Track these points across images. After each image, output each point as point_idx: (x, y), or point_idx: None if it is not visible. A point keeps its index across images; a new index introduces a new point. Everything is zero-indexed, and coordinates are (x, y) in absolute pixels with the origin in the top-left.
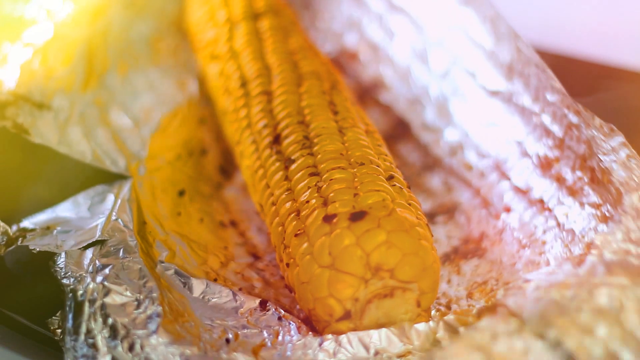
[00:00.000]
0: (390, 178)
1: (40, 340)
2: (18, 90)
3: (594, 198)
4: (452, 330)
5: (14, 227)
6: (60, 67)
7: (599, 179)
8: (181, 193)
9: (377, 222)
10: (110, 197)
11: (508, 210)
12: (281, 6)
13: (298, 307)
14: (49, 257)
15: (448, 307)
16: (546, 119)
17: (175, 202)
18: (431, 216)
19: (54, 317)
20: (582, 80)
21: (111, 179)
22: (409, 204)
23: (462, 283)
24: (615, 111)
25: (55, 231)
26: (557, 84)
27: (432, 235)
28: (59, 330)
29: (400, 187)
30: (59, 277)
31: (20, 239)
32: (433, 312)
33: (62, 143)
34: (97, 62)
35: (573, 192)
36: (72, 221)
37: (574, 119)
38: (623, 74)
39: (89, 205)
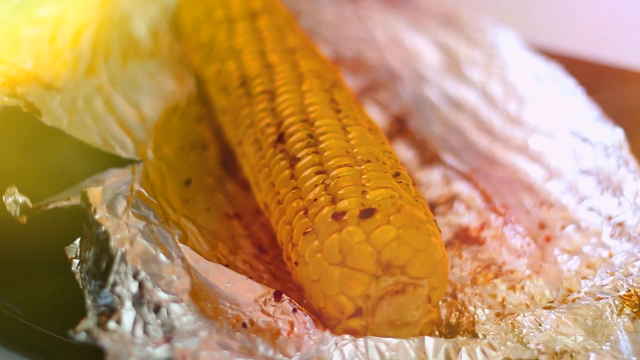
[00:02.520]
0: (397, 175)
1: (41, 340)
2: (27, 68)
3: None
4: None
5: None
6: (68, 50)
7: None
8: (187, 182)
9: (386, 219)
10: (128, 174)
11: (507, 208)
12: (276, 5)
13: (305, 303)
14: (53, 256)
15: (454, 296)
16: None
17: (182, 190)
18: (431, 207)
19: (71, 245)
20: (582, 80)
21: (123, 164)
22: (416, 200)
23: (465, 268)
24: (616, 111)
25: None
26: None
27: (440, 232)
28: (76, 260)
29: (407, 184)
30: (90, 215)
31: (42, 207)
32: (439, 303)
33: (71, 126)
34: (100, 48)
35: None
36: None
37: None
38: (623, 74)
39: (107, 182)
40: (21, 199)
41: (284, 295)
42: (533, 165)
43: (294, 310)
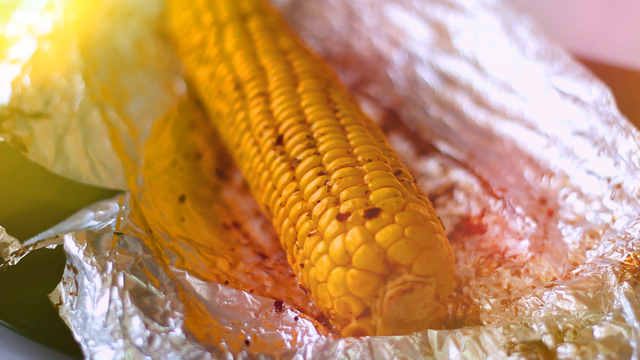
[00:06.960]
0: (398, 173)
1: (41, 340)
2: (12, 104)
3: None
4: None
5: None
6: (55, 74)
7: None
8: (182, 199)
9: (391, 218)
10: (115, 206)
11: (504, 190)
12: (266, 6)
13: (311, 304)
14: (52, 256)
15: (459, 290)
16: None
17: (177, 208)
18: (431, 198)
19: (54, 292)
20: None
21: (110, 194)
22: (419, 198)
23: (469, 261)
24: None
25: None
26: None
27: (445, 228)
28: (63, 306)
29: (409, 182)
30: (75, 259)
31: (30, 247)
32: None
33: (59, 157)
34: (89, 61)
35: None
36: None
37: None
38: (623, 74)
39: (94, 216)
40: (10, 239)
41: (284, 304)
42: (530, 134)
43: (296, 319)
